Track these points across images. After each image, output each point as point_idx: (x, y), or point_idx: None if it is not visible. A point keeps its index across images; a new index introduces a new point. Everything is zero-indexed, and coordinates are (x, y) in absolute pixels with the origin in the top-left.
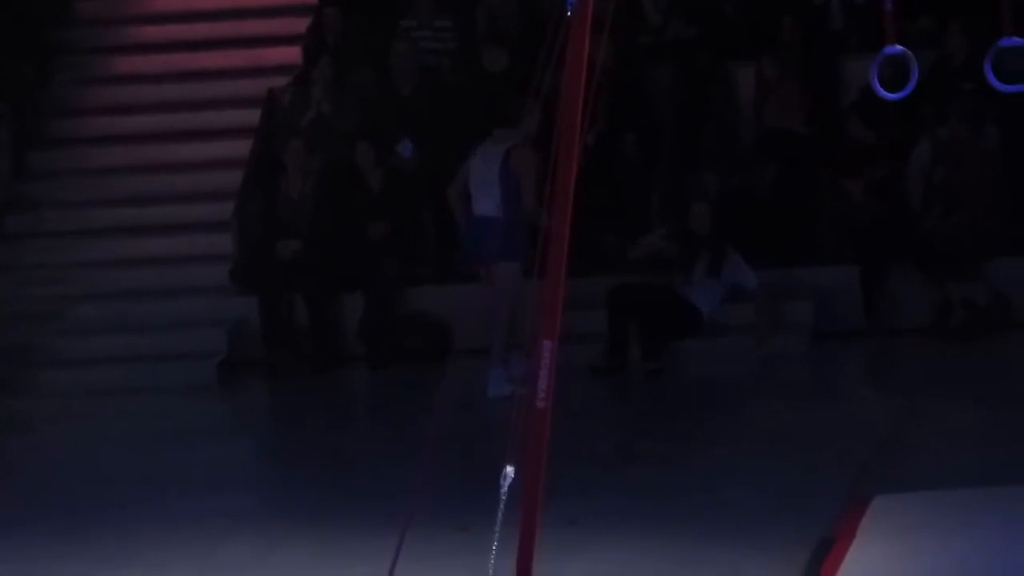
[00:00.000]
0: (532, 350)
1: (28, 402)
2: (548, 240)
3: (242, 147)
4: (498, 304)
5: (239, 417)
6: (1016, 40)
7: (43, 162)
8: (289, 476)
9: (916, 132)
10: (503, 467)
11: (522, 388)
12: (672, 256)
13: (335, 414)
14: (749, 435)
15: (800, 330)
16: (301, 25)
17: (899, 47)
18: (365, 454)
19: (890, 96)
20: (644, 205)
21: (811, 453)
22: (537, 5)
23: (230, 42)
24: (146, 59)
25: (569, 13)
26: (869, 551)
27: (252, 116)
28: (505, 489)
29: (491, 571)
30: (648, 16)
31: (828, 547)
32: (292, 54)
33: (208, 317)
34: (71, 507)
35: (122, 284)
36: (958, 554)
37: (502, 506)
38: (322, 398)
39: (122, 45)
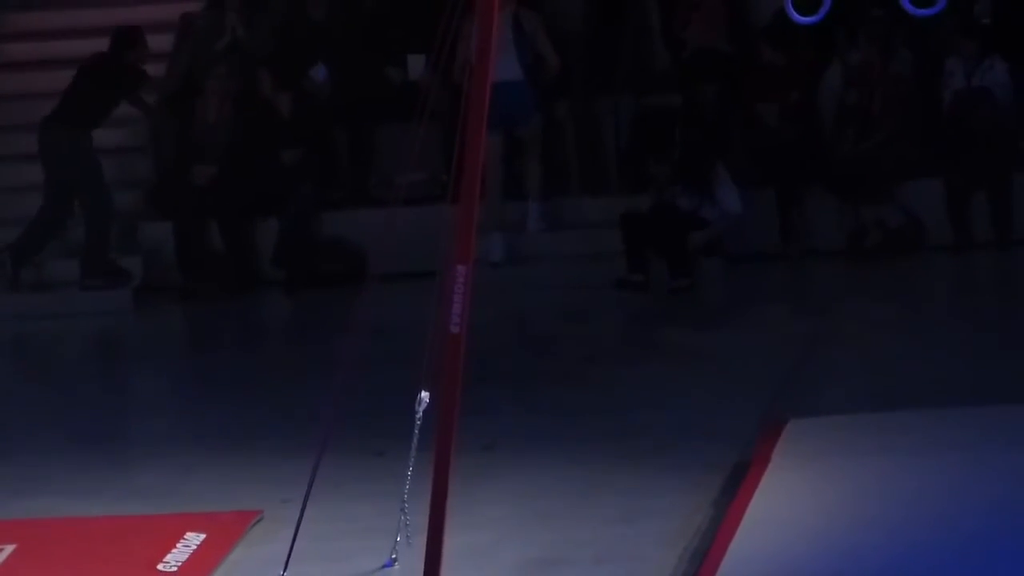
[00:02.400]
0: (446, 275)
1: None
2: (461, 164)
3: (157, 71)
4: (533, 168)
5: (155, 342)
6: None
7: None
8: (204, 401)
9: (828, 56)
10: (419, 392)
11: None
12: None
13: (250, 339)
14: (663, 358)
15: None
16: None
17: None
18: (280, 379)
19: (803, 20)
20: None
21: (726, 376)
22: None
23: None
24: None
25: None
26: (784, 475)
27: (166, 41)
28: (420, 414)
29: (406, 495)
30: None
31: (743, 471)
32: None
33: (123, 242)
34: None
35: (23, 211)
36: (874, 477)
37: (417, 431)
38: (237, 323)
39: None
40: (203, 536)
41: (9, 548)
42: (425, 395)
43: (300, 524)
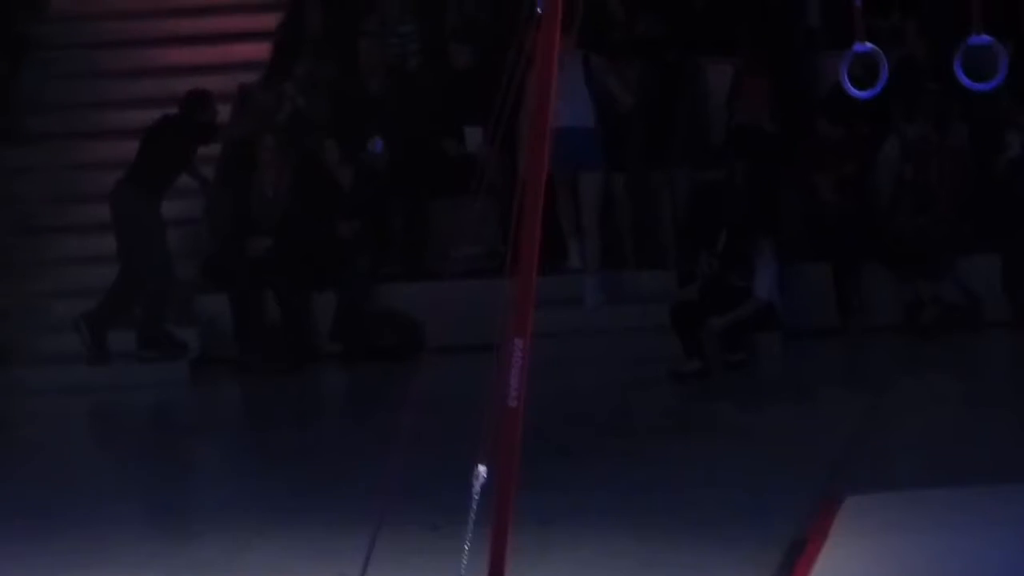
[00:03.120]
0: (503, 349)
1: (1, 400)
2: (519, 237)
3: (213, 143)
4: (589, 214)
5: (211, 415)
6: (984, 38)
7: (16, 158)
8: (261, 474)
9: (885, 129)
10: (475, 466)
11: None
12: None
13: (307, 412)
14: (719, 433)
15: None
16: (270, 21)
17: (869, 44)
18: (337, 452)
19: (859, 94)
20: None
21: (783, 452)
22: (505, 1)
23: (200, 38)
24: (118, 55)
25: (539, 10)
26: (841, 552)
27: (223, 112)
28: (477, 488)
29: (463, 570)
30: (613, 11)
31: (800, 548)
32: (261, 50)
33: (180, 314)
34: (43, 506)
35: (95, 281)
36: (931, 555)
37: (474, 505)
38: (294, 396)
39: (94, 41)
40: None
41: None
42: (482, 469)
43: None
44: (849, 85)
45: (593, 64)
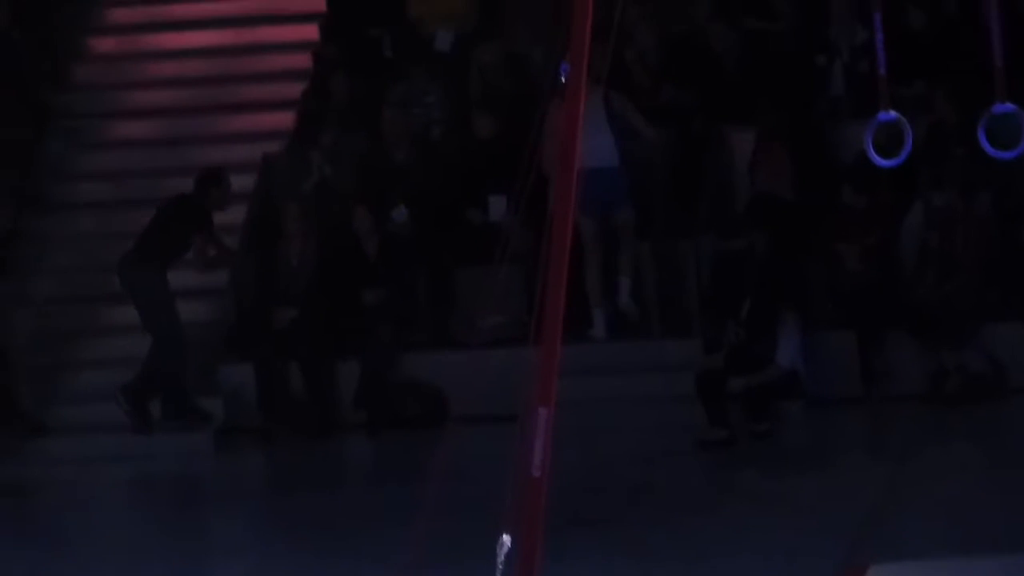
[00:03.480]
0: (527, 418)
1: (27, 470)
2: (543, 305)
3: (236, 213)
4: (627, 248)
5: (236, 484)
6: (1008, 106)
7: (39, 227)
8: (285, 544)
9: (910, 197)
10: (500, 535)
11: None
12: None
13: (331, 481)
14: (744, 502)
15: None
16: (292, 91)
17: (893, 113)
18: (361, 521)
19: (884, 163)
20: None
21: (807, 520)
22: (528, 71)
23: (222, 108)
24: (140, 125)
25: (563, 80)
26: None
27: (246, 181)
28: (502, 558)
29: None
30: (637, 79)
31: None
32: (284, 120)
33: (204, 384)
34: (68, 574)
35: (119, 351)
36: None
37: (499, 575)
38: (318, 465)
39: (117, 110)
40: None
41: None
42: (507, 539)
43: None
44: (874, 154)
45: (614, 101)
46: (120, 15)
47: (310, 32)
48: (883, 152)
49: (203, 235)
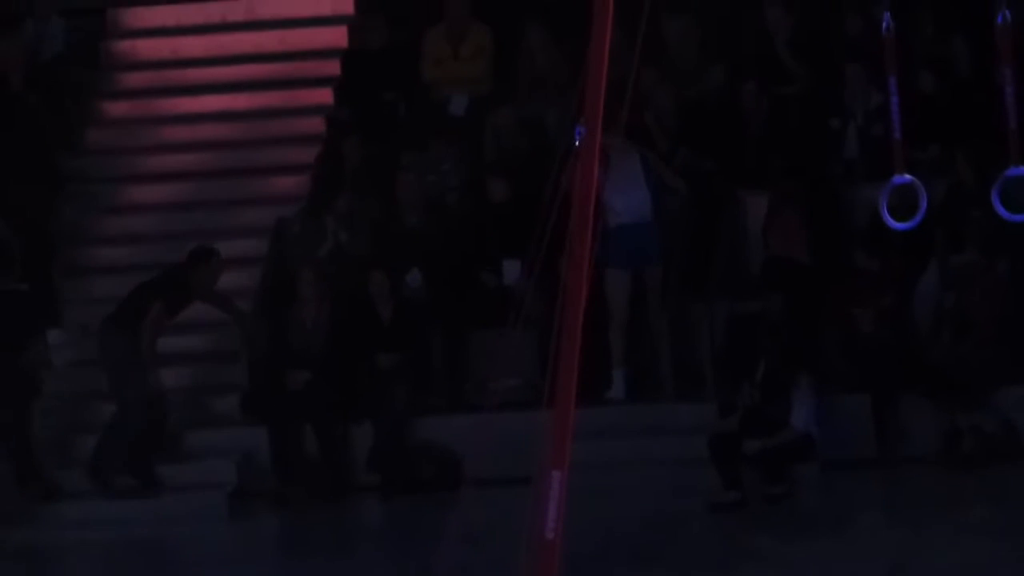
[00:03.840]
0: (541, 481)
1: (41, 533)
2: (557, 368)
3: (250, 276)
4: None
5: (249, 548)
6: (1022, 169)
7: (53, 291)
8: None
9: (924, 259)
10: None
11: None
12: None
13: (345, 546)
14: (759, 566)
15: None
16: (307, 155)
17: (908, 176)
18: None
19: (899, 226)
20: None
21: None
22: (543, 133)
23: (235, 171)
24: (153, 189)
25: (577, 143)
26: None
27: (260, 245)
28: None
29: None
30: (655, 141)
31: None
32: (298, 184)
33: (218, 447)
34: None
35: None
36: None
37: None
38: (332, 529)
39: (130, 175)
40: None
41: None
42: None
43: None
44: (888, 217)
45: (649, 159)
46: (134, 79)
47: (324, 96)
48: (898, 215)
49: (162, 304)
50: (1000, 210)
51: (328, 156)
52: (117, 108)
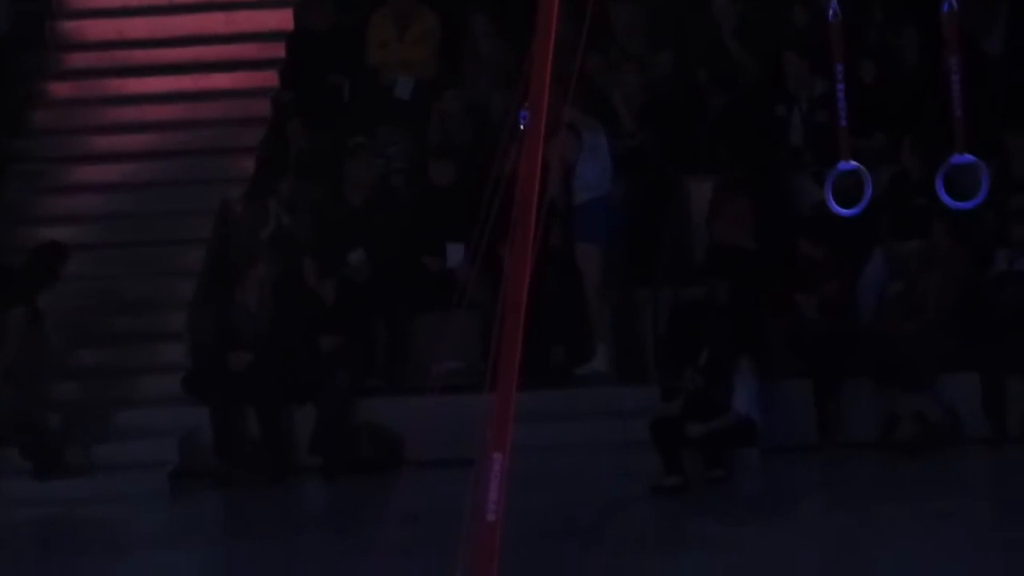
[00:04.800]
0: (482, 464)
1: None
2: (499, 352)
3: (194, 257)
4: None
5: (190, 528)
6: (968, 157)
7: None
8: None
9: (870, 246)
10: None
11: None
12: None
13: (286, 525)
14: (698, 549)
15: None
16: (252, 136)
17: (853, 163)
18: (316, 566)
19: (844, 212)
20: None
21: (760, 567)
22: (489, 118)
23: (181, 153)
24: (98, 169)
25: (522, 127)
26: None
27: (204, 226)
28: None
29: None
30: (622, 122)
31: None
32: (243, 165)
33: (160, 427)
34: None
35: (74, 394)
36: None
37: None
38: (273, 509)
39: (75, 155)
40: None
41: None
42: None
43: None
44: (833, 203)
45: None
46: (79, 60)
47: (270, 78)
48: (843, 202)
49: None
50: (945, 198)
51: (272, 139)
52: (63, 88)
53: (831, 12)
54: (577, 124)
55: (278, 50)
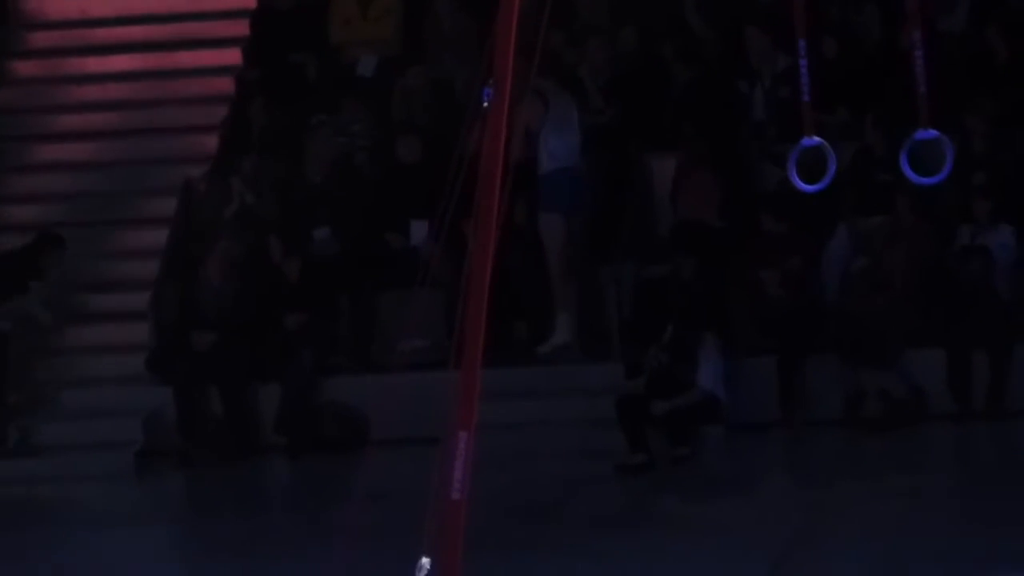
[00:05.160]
0: (447, 442)
1: None
2: (464, 330)
3: (158, 236)
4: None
5: (154, 506)
6: (931, 132)
7: None
8: (204, 567)
9: (833, 221)
10: (419, 558)
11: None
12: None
13: (250, 504)
14: (664, 527)
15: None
16: (215, 114)
17: (817, 139)
18: (280, 545)
19: (807, 188)
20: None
21: (726, 544)
22: (453, 95)
23: (144, 131)
24: (61, 148)
25: (486, 104)
26: None
27: (167, 205)
28: None
29: None
30: (590, 97)
31: None
32: (206, 144)
33: (124, 406)
34: None
35: (39, 373)
36: None
37: None
38: (237, 488)
39: (38, 134)
40: None
41: None
42: (426, 562)
43: None
44: (797, 179)
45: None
46: (42, 38)
47: (233, 56)
48: (807, 178)
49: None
50: (908, 173)
51: (235, 117)
52: (25, 67)
53: None
54: (545, 91)
55: (242, 28)
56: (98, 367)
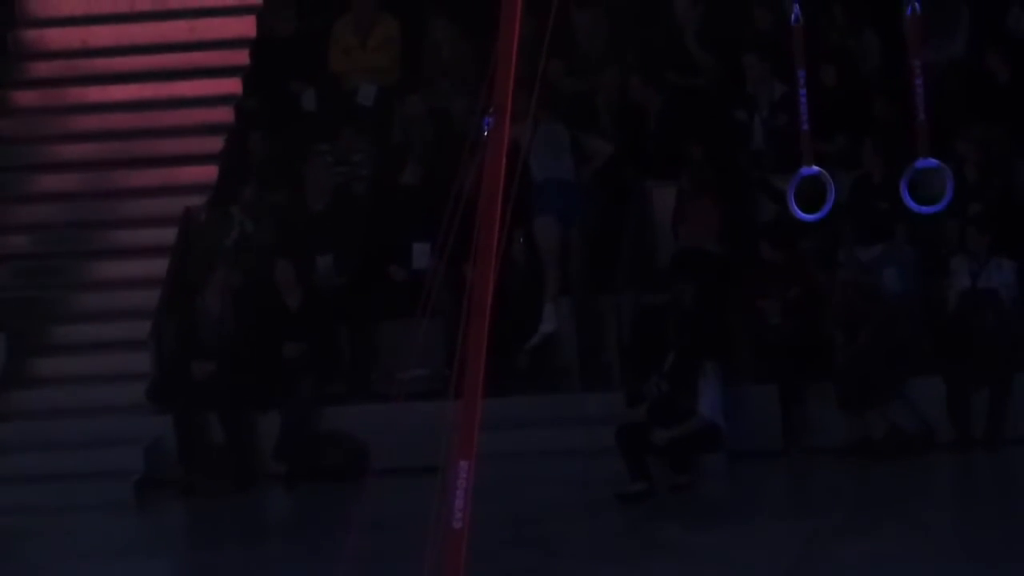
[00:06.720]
0: (448, 471)
1: None
2: (464, 359)
3: (158, 266)
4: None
5: (155, 537)
6: (931, 161)
7: None
8: None
9: (833, 251)
10: None
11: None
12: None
13: (251, 534)
14: (665, 555)
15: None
16: (214, 144)
17: (816, 168)
18: (280, 574)
19: (806, 217)
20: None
21: (724, 574)
22: (451, 123)
23: (144, 161)
24: (62, 178)
25: (486, 133)
26: None
27: (167, 235)
28: None
29: None
30: (604, 130)
31: None
32: (206, 173)
33: (125, 436)
34: None
35: (38, 403)
36: None
37: None
38: (238, 517)
39: (38, 163)
40: None
41: None
42: None
43: None
44: (796, 208)
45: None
46: (42, 68)
47: (233, 86)
48: (806, 207)
49: None
50: (908, 202)
51: (235, 146)
52: (25, 97)
53: (793, 16)
54: (536, 115)
55: (241, 57)
56: (99, 397)
